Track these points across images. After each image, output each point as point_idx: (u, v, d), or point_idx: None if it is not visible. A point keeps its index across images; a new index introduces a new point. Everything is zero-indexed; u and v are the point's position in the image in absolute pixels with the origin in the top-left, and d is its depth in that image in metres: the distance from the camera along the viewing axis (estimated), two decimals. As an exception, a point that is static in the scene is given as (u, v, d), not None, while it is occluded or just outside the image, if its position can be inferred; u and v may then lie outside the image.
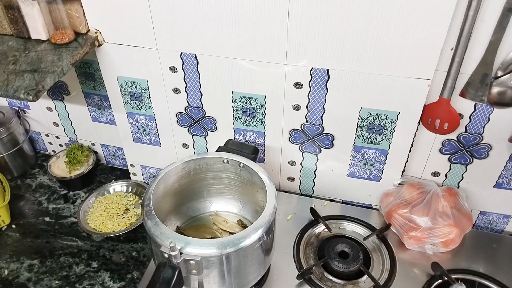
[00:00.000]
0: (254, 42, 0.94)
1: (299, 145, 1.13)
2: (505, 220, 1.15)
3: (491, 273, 1.03)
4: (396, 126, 1.01)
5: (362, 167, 1.12)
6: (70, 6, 0.98)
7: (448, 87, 0.91)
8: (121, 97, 1.15)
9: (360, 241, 1.11)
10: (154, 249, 0.85)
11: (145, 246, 1.15)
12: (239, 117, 1.10)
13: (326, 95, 0.99)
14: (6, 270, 1.09)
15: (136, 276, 1.08)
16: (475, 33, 0.84)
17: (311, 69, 0.96)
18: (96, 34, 1.02)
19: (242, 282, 0.90)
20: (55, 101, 1.32)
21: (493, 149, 1.01)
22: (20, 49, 0.98)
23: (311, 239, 1.13)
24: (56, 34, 0.99)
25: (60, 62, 0.94)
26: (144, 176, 1.35)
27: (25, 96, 0.86)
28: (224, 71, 1.01)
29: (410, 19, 0.83)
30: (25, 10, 0.96)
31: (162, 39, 1.00)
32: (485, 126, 0.97)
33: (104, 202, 1.26)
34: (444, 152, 1.06)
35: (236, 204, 1.11)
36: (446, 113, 0.95)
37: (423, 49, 0.86)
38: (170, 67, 1.04)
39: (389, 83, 0.93)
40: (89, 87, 1.23)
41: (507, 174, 1.04)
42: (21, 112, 1.39)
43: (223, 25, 0.93)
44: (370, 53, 0.89)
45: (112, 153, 1.41)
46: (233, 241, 0.81)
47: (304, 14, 0.87)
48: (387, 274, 1.03)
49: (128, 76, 1.09)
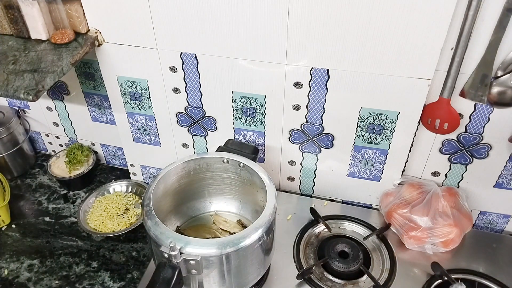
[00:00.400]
0: (254, 41, 0.94)
1: (299, 145, 1.13)
2: (505, 220, 1.15)
3: (491, 273, 1.03)
4: (396, 126, 1.01)
5: (362, 167, 1.12)
6: (70, 6, 0.98)
7: (448, 87, 0.91)
8: (121, 97, 1.15)
9: (360, 241, 1.11)
10: (154, 249, 0.85)
11: (145, 246, 1.15)
12: (239, 117, 1.10)
13: (326, 95, 0.99)
14: (6, 270, 1.09)
15: (136, 276, 1.08)
16: (475, 33, 0.84)
17: (311, 69, 0.96)
18: (96, 34, 1.02)
19: (242, 282, 0.90)
20: (55, 101, 1.32)
21: (493, 149, 1.01)
22: (20, 49, 0.98)
23: (311, 239, 1.13)
24: (56, 34, 0.99)
25: (60, 62, 0.94)
26: (144, 176, 1.35)
27: (25, 96, 0.86)
28: (224, 71, 1.01)
29: (410, 18, 0.83)
30: (25, 10, 0.96)
31: (162, 39, 1.00)
32: (485, 126, 0.97)
33: (104, 202, 1.26)
34: (444, 152, 1.06)
35: (236, 204, 1.11)
36: (446, 113, 0.95)
37: (423, 48, 0.86)
38: (170, 67, 1.04)
39: (389, 83, 0.93)
40: (89, 87, 1.23)
41: (507, 174, 1.04)
42: (21, 112, 1.39)
43: (223, 25, 0.93)
44: (370, 53, 0.89)
45: (112, 153, 1.41)
46: (233, 241, 0.81)
47: (304, 14, 0.87)
48: (387, 274, 1.03)
49: (128, 76, 1.09)
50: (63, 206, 1.28)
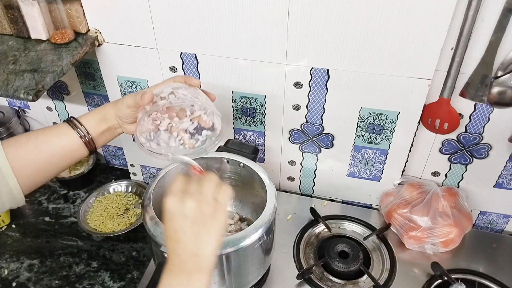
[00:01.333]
0: (254, 42, 0.94)
1: (299, 145, 1.13)
2: (505, 220, 1.15)
3: (491, 273, 1.03)
4: (396, 126, 1.01)
5: (362, 167, 1.12)
6: (70, 6, 0.98)
7: (448, 87, 0.91)
8: (121, 96, 1.15)
9: (360, 241, 1.11)
10: (154, 249, 0.85)
11: (145, 246, 1.15)
12: (239, 116, 1.10)
13: (326, 95, 0.99)
14: (6, 270, 1.09)
15: (136, 276, 1.08)
16: (475, 33, 0.84)
17: (311, 69, 0.96)
18: (96, 34, 1.02)
19: (242, 282, 0.90)
20: (55, 101, 1.32)
21: (493, 149, 1.01)
22: (20, 49, 0.98)
23: (311, 239, 1.13)
24: (56, 34, 0.99)
25: (60, 62, 0.94)
26: (144, 176, 1.35)
27: (25, 96, 0.86)
28: (224, 71, 1.01)
29: (410, 18, 0.83)
30: (25, 10, 0.96)
31: (162, 39, 1.00)
32: (485, 126, 0.97)
33: (104, 202, 1.26)
34: (444, 152, 1.06)
35: (236, 203, 1.11)
36: (446, 113, 0.95)
37: (423, 49, 0.86)
38: (170, 67, 1.04)
39: (389, 83, 0.93)
40: (89, 87, 1.23)
41: (507, 174, 1.04)
42: (21, 112, 1.39)
43: (223, 24, 0.93)
44: (370, 53, 0.89)
45: (112, 153, 1.41)
46: (233, 241, 0.81)
47: (304, 14, 0.87)
48: (387, 274, 1.03)
49: (128, 76, 1.09)
50: (63, 206, 1.28)
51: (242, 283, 0.90)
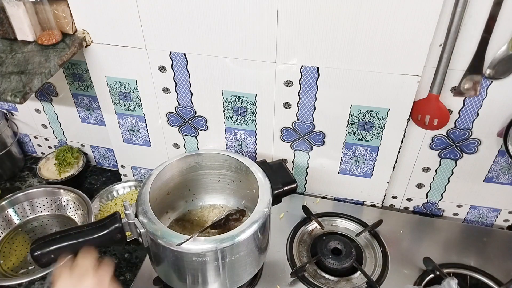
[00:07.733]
0: (244, 40, 0.94)
1: (290, 143, 1.13)
2: (495, 214, 1.16)
3: (482, 267, 1.04)
4: (386, 122, 1.01)
5: (353, 164, 1.13)
6: (57, 7, 0.97)
7: (437, 83, 0.92)
8: (110, 97, 1.14)
9: (352, 237, 1.12)
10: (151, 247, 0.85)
11: (137, 248, 1.14)
12: (230, 116, 1.10)
13: (316, 93, 0.99)
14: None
15: (128, 277, 1.07)
16: (463, 29, 0.84)
17: (301, 67, 0.96)
18: (83, 35, 1.01)
19: (236, 279, 0.91)
20: (43, 102, 1.30)
21: (482, 143, 1.02)
22: (6, 51, 0.97)
23: (304, 236, 1.13)
24: (43, 35, 0.97)
25: (48, 63, 0.93)
26: (135, 177, 1.34)
27: (12, 99, 0.85)
28: (214, 70, 1.01)
29: (398, 16, 0.83)
30: (11, 11, 0.94)
31: (150, 39, 0.99)
32: (474, 121, 0.98)
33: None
34: (434, 148, 1.06)
35: (232, 201, 1.11)
36: (435, 109, 0.96)
37: (411, 45, 0.86)
38: (159, 66, 1.04)
39: (378, 80, 0.94)
40: (77, 88, 1.22)
41: (496, 168, 1.06)
42: (9, 115, 1.37)
43: (211, 23, 0.93)
44: (359, 50, 0.90)
45: (102, 154, 1.39)
46: (229, 237, 0.82)
47: (293, 13, 0.87)
48: (379, 270, 1.04)
49: (117, 76, 1.08)
50: (54, 209, 1.27)
51: (236, 280, 0.91)
